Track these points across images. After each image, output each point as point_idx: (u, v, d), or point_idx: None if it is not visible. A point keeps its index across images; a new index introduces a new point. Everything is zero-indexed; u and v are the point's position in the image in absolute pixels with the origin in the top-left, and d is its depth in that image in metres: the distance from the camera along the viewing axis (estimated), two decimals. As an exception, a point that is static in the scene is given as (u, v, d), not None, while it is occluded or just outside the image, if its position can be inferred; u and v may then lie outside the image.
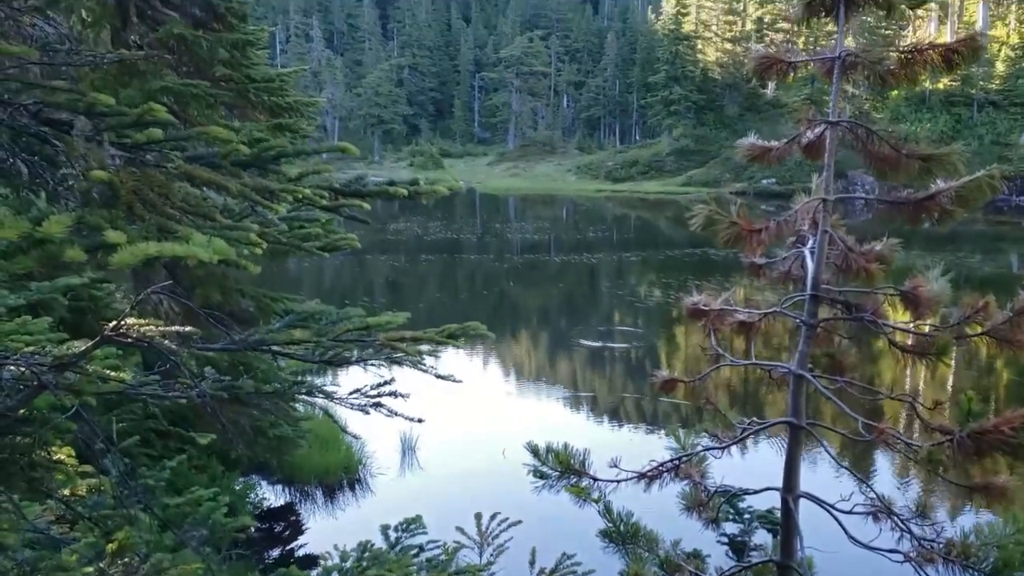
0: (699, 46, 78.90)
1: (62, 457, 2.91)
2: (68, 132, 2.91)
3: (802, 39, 64.48)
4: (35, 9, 6.56)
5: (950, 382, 15.21)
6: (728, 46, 79.41)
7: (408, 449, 11.68)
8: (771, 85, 59.04)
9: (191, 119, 8.11)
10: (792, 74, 4.65)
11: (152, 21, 8.21)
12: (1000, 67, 62.50)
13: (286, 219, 5.31)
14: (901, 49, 4.06)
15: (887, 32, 57.14)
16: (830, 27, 4.49)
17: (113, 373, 2.44)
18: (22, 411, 2.49)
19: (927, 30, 64.09)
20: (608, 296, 26.53)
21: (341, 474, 10.81)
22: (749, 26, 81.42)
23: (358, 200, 4.41)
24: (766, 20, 79.59)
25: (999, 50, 62.40)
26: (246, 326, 6.86)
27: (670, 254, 34.99)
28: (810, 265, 4.32)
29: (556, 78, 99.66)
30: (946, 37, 55.51)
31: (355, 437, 10.39)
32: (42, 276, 3.23)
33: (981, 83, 60.74)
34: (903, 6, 4.40)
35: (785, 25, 74.53)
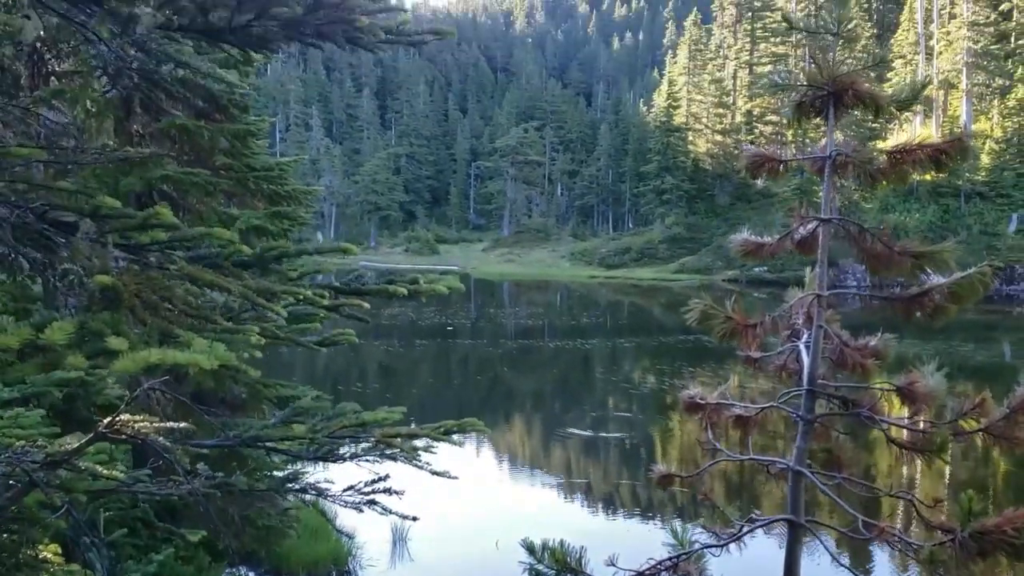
0: (690, 138, 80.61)
1: (48, 555, 2.84)
2: (73, 233, 2.93)
3: (791, 131, 65.84)
4: (40, 100, 6.71)
5: (947, 472, 15.04)
6: (719, 138, 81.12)
7: (399, 539, 11.43)
8: (761, 175, 60.00)
9: (190, 206, 8.21)
10: (783, 169, 4.76)
11: (155, 111, 8.37)
12: (985, 159, 63.73)
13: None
14: (890, 149, 4.16)
15: (874, 125, 58.43)
16: (818, 120, 4.61)
17: (105, 470, 2.40)
18: (12, 509, 2.44)
19: (913, 125, 65.58)
20: (602, 382, 26.40)
21: (330, 566, 10.53)
22: (739, 118, 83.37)
23: (357, 299, 4.42)
24: (755, 113, 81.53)
25: (983, 143, 63.71)
26: (238, 412, 6.79)
27: (664, 340, 34.97)
28: (805, 360, 4.33)
29: (550, 167, 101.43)
30: (932, 131, 56.84)
31: (348, 536, 10.17)
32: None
33: (968, 175, 61.78)
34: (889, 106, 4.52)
35: (774, 118, 76.38)
